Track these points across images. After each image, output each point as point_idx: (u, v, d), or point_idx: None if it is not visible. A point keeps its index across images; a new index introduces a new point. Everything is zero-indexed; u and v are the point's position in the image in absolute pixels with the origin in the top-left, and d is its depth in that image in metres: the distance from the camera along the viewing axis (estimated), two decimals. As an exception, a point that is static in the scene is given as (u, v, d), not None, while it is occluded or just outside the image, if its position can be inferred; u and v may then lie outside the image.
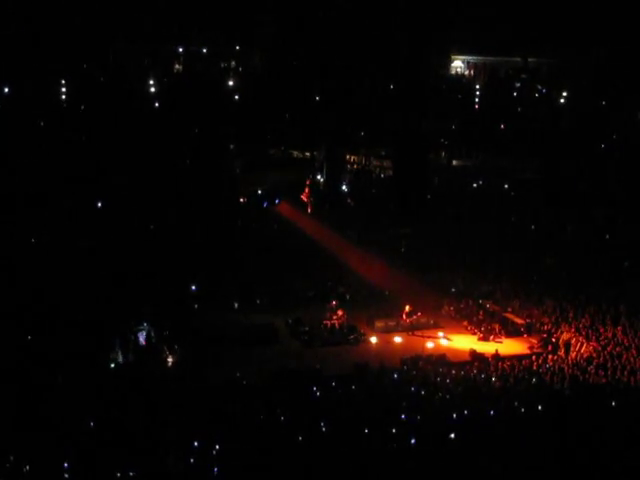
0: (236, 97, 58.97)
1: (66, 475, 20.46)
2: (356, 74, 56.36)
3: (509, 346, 34.67)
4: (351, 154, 57.95)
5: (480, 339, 35.56)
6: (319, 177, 53.31)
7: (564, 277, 41.19)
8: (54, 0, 51.40)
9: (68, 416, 23.81)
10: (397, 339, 35.07)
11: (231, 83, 58.18)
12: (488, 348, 33.91)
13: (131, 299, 34.84)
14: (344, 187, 53.69)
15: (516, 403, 26.37)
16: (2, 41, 47.99)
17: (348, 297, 39.67)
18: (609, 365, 30.01)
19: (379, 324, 36.53)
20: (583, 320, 35.30)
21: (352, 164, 58.18)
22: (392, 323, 36.60)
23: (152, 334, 32.19)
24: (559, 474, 21.29)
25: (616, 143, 54.92)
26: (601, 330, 34.07)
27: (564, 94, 59.48)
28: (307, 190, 49.59)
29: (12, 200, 41.00)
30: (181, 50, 62.82)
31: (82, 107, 52.32)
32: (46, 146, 46.42)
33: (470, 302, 38.99)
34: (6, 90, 49.53)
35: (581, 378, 29.27)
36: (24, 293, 34.01)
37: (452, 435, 23.06)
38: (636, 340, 32.70)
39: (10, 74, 49.47)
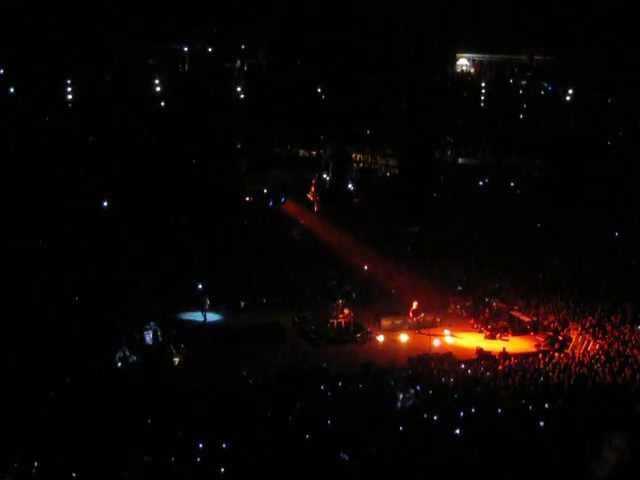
0: (241, 96, 59.02)
1: (72, 474, 20.48)
2: (361, 72, 56.35)
3: (516, 344, 34.63)
4: (357, 153, 57.94)
5: (487, 337, 35.53)
6: (325, 176, 53.28)
7: (570, 275, 41.10)
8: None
9: (74, 415, 23.84)
10: (404, 337, 34.94)
11: (236, 82, 58.19)
12: (495, 346, 33.90)
13: (138, 298, 34.91)
14: (350, 186, 53.66)
15: (523, 401, 26.33)
16: (7, 40, 48.12)
17: (354, 295, 39.61)
18: (616, 363, 29.94)
19: (385, 322, 36.48)
20: (590, 318, 35.25)
21: (358, 163, 58.14)
22: (399, 321, 36.55)
23: (159, 333, 32.22)
24: (565, 472, 21.21)
25: (622, 140, 54.77)
26: (608, 328, 34.01)
27: (570, 92, 59.33)
28: (313, 189, 49.58)
29: (18, 199, 41.07)
30: (186, 49, 62.87)
31: (87, 106, 52.40)
32: (51, 146, 46.50)
33: (477, 300, 38.96)
34: (11, 90, 49.59)
35: (588, 376, 29.19)
36: (31, 292, 34.08)
37: (458, 432, 23.02)
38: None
39: (14, 74, 49.57)
